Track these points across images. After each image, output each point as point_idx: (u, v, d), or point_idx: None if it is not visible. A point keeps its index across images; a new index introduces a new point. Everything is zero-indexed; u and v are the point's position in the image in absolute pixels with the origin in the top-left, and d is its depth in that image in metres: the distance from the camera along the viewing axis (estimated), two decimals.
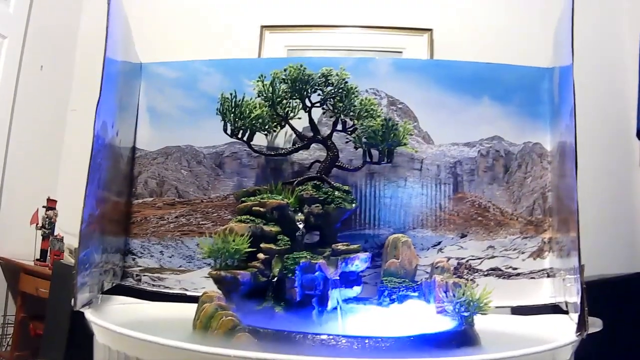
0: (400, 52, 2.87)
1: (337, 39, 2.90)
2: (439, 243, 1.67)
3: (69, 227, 2.57)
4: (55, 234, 2.61)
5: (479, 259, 1.67)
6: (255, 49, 2.79)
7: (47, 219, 2.62)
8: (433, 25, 2.82)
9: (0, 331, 2.54)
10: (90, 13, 2.99)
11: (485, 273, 1.66)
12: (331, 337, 1.12)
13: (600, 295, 1.26)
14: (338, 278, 1.36)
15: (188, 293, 1.65)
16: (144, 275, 1.69)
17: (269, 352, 0.92)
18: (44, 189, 2.71)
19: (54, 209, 2.65)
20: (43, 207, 2.62)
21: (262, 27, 2.82)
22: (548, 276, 1.64)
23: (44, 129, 2.83)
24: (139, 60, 1.79)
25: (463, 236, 1.67)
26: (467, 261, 1.66)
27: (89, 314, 1.18)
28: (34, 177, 2.73)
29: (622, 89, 2.47)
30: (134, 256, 1.70)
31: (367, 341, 1.13)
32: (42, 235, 2.62)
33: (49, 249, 2.59)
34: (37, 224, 2.60)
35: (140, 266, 1.70)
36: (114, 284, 1.60)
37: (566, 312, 1.44)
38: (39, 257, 2.60)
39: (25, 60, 2.66)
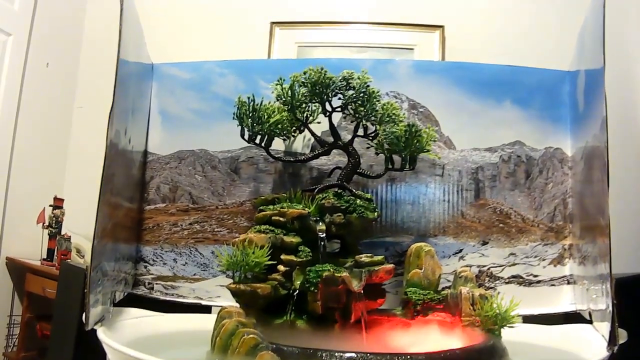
0: (412, 49, 2.83)
1: (347, 36, 2.86)
2: (461, 250, 1.63)
3: (76, 226, 2.54)
4: (62, 233, 2.57)
5: (500, 266, 1.63)
6: (265, 45, 2.75)
7: (54, 218, 2.58)
8: (445, 22, 2.78)
9: (7, 332, 2.52)
10: (96, 9, 2.94)
11: (507, 281, 1.63)
12: (359, 355, 1.08)
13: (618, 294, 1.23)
14: (362, 291, 1.31)
15: (203, 302, 1.61)
16: (157, 284, 1.65)
17: None
18: (50, 187, 2.67)
19: (61, 207, 2.61)
20: (50, 206, 2.58)
21: (272, 23, 2.78)
22: (568, 283, 1.61)
23: (50, 126, 2.79)
24: (150, 61, 1.74)
25: (484, 243, 1.64)
26: (489, 269, 1.63)
27: (102, 335, 1.13)
28: (40, 176, 2.70)
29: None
30: (146, 264, 1.66)
31: (396, 358, 1.08)
32: (48, 234, 2.58)
33: (55, 249, 2.55)
34: (43, 223, 2.56)
35: (152, 274, 1.65)
36: (125, 294, 1.56)
37: (588, 321, 1.41)
38: (45, 257, 2.57)
39: (31, 57, 2.61)
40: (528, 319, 1.51)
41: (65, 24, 2.88)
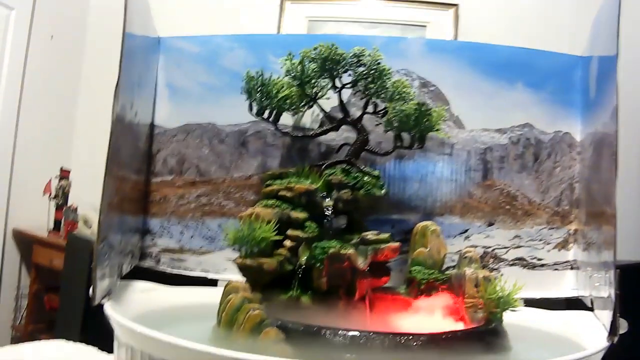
0: (424, 26, 2.80)
1: (359, 11, 2.83)
2: (466, 231, 1.63)
3: (83, 197, 2.55)
4: (69, 204, 2.58)
5: (504, 248, 1.63)
6: (275, 19, 2.73)
7: (61, 189, 2.60)
8: (459, 1, 2.75)
9: (14, 304, 2.54)
10: None
11: (511, 263, 1.63)
12: (362, 333, 1.09)
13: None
14: (367, 269, 1.32)
15: (209, 275, 1.62)
16: (163, 256, 1.65)
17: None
18: (56, 158, 2.68)
19: (67, 178, 2.62)
20: (56, 177, 2.59)
21: None
22: (572, 268, 1.61)
23: (55, 98, 2.79)
24: (157, 34, 1.72)
25: (490, 224, 1.64)
26: (493, 250, 1.63)
27: (109, 309, 1.14)
28: (46, 147, 2.70)
29: None
30: (152, 236, 1.66)
31: (398, 338, 1.09)
32: (55, 205, 2.60)
33: (62, 220, 2.57)
34: (50, 194, 2.58)
35: (159, 247, 1.66)
36: (132, 267, 1.57)
37: (590, 308, 1.41)
38: (52, 228, 2.59)
39: (35, 30, 2.60)
40: (530, 303, 1.52)
41: None
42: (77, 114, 2.86)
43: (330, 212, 1.37)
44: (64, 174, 2.60)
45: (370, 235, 1.37)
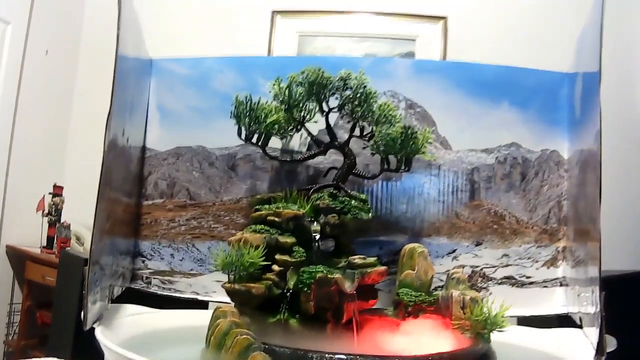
0: (414, 40, 2.82)
1: (349, 25, 2.85)
2: (454, 251, 1.64)
3: (76, 214, 2.56)
4: (62, 221, 2.59)
5: (493, 267, 1.65)
6: (266, 34, 2.75)
7: (54, 206, 2.60)
8: (447, 13, 2.76)
9: (7, 319, 2.55)
10: None
11: (499, 281, 1.64)
12: (349, 357, 1.10)
13: (607, 292, 1.25)
14: (354, 292, 1.33)
15: (199, 297, 1.63)
16: (154, 278, 1.67)
17: None
18: (50, 175, 2.69)
19: (61, 195, 2.63)
20: (49, 193, 2.60)
21: (274, 12, 2.77)
22: (561, 285, 1.63)
23: (49, 114, 2.80)
24: (149, 56, 1.73)
25: (478, 244, 1.65)
26: (482, 269, 1.64)
27: (99, 334, 1.15)
28: (40, 163, 2.71)
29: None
30: (143, 259, 1.68)
31: None
32: (48, 222, 2.60)
33: (55, 236, 2.57)
34: (43, 211, 2.58)
35: (150, 269, 1.68)
36: (123, 289, 1.58)
37: (578, 325, 1.43)
38: (45, 245, 2.59)
39: (30, 45, 2.61)
40: (520, 320, 1.53)
41: (65, 11, 2.87)
42: (70, 131, 2.87)
43: (317, 236, 1.38)
44: (57, 191, 2.60)
45: (357, 259, 1.39)
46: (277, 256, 1.35)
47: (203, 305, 1.63)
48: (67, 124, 2.88)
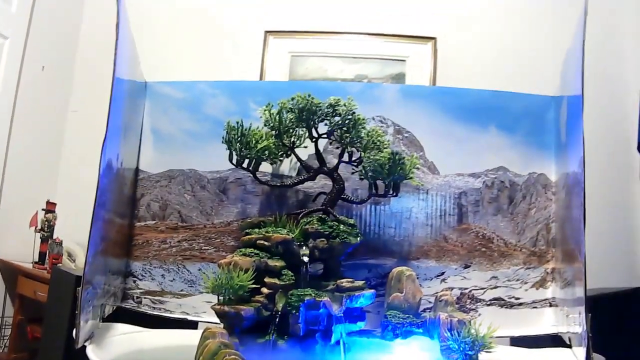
0: (404, 60, 2.86)
1: (341, 46, 2.88)
2: (443, 273, 1.67)
3: (68, 230, 2.57)
4: (54, 237, 2.60)
5: (482, 289, 1.67)
6: (259, 54, 2.78)
7: (47, 222, 2.61)
8: (437, 34, 2.80)
9: None
10: (92, 13, 2.96)
11: (488, 303, 1.66)
12: None
13: (598, 309, 1.28)
14: (342, 315, 1.35)
15: (189, 317, 1.65)
16: (145, 298, 1.68)
17: None
18: (43, 191, 2.70)
19: (53, 212, 2.63)
20: (42, 209, 2.61)
21: (266, 32, 2.80)
22: (550, 305, 1.64)
23: (44, 130, 2.81)
24: (144, 79, 1.76)
25: (467, 267, 1.67)
26: (470, 291, 1.66)
27: (91, 353, 1.17)
28: (33, 179, 2.72)
29: (623, 103, 2.47)
30: (135, 278, 1.70)
31: None
32: (41, 238, 2.61)
33: (47, 252, 2.58)
34: (36, 227, 2.59)
35: (141, 289, 1.69)
36: (114, 308, 1.60)
37: (567, 345, 1.45)
38: (37, 260, 2.60)
39: (27, 61, 2.64)
40: (513, 341, 1.55)
41: (62, 28, 2.90)
42: (65, 147, 2.88)
43: (306, 260, 1.41)
44: (50, 207, 2.61)
45: (345, 282, 1.41)
46: (267, 279, 1.38)
47: (193, 325, 1.64)
48: (61, 141, 2.90)
